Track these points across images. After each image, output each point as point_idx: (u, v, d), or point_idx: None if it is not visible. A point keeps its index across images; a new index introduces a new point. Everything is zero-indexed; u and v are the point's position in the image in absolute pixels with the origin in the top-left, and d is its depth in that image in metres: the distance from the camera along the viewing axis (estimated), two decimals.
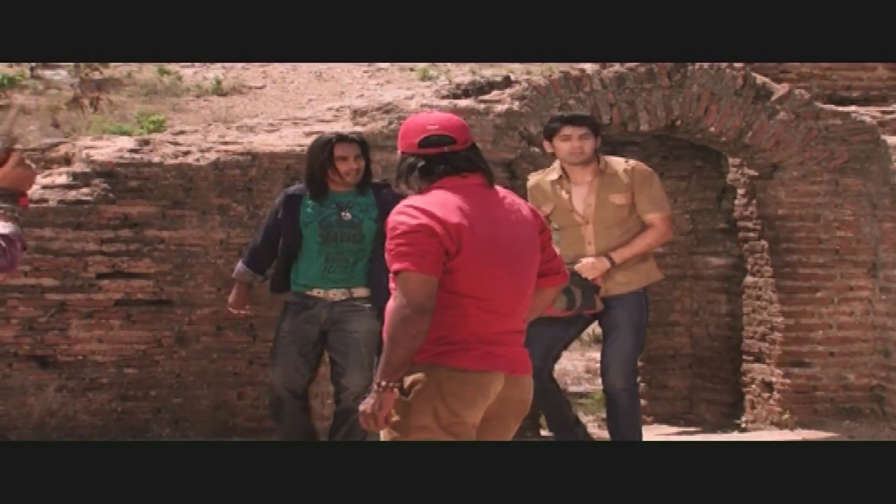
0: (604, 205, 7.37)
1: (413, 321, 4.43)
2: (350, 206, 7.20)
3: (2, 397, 8.28)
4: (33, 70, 21.62)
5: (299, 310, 7.25)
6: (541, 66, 14.78)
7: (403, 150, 4.78)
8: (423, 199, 4.59)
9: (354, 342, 7.15)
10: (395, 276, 4.51)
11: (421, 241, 4.48)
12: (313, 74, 24.19)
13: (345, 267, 7.17)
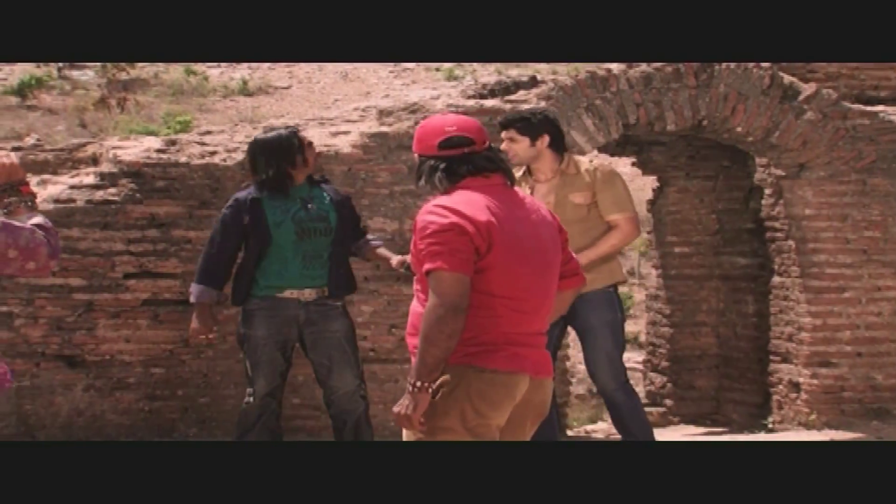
0: (562, 203, 7.13)
1: (448, 320, 4.41)
2: (311, 199, 7.01)
3: (30, 397, 8.31)
4: (60, 71, 21.73)
5: (272, 314, 6.93)
6: (567, 66, 14.78)
7: (421, 153, 4.77)
8: (451, 199, 4.58)
9: (337, 342, 6.98)
10: (427, 276, 4.49)
11: (452, 240, 4.46)
12: (339, 74, 24.23)
13: (321, 263, 6.95)
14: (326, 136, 9.16)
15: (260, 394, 6.95)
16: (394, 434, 8.52)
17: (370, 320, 8.75)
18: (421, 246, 4.51)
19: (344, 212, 7.05)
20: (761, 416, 10.29)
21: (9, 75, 21.61)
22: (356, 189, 8.75)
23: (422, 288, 4.61)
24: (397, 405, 4.52)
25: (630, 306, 20.39)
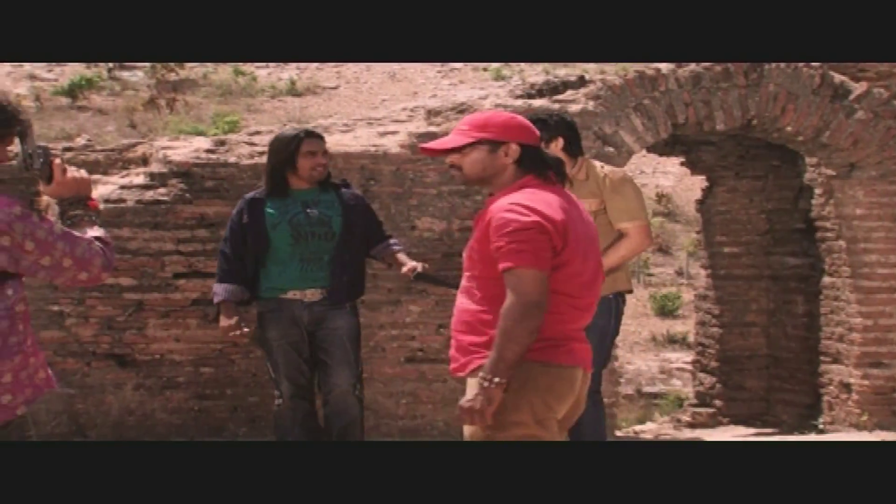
0: None
1: (529, 318, 4.43)
2: (316, 204, 6.88)
3: (81, 396, 8.36)
4: (111, 72, 21.88)
5: (279, 315, 6.87)
6: (615, 66, 14.75)
7: (528, 141, 4.75)
8: (528, 197, 4.59)
9: (339, 339, 6.87)
10: (506, 273, 4.49)
11: (533, 238, 4.47)
12: (387, 75, 24.30)
13: (321, 266, 6.84)
14: (374, 136, 9.17)
15: (287, 395, 6.91)
16: (441, 434, 8.55)
17: (418, 320, 8.76)
18: (500, 243, 4.50)
19: (353, 217, 6.93)
20: (812, 417, 10.23)
21: (59, 76, 21.81)
22: (404, 189, 8.76)
23: (478, 286, 4.62)
24: (467, 400, 4.51)
25: (678, 306, 20.38)
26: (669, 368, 17.17)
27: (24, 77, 21.92)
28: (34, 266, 4.07)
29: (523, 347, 4.45)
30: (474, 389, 4.53)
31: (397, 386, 8.73)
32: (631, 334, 18.77)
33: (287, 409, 6.90)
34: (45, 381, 4.29)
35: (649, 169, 25.66)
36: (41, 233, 4.06)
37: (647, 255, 23.41)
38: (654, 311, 20.69)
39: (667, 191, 25.17)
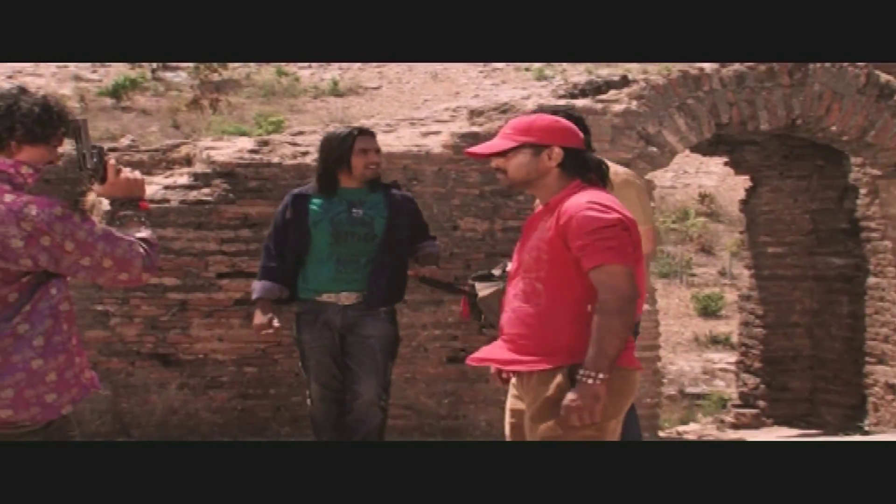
0: None
1: (625, 312, 4.49)
2: (361, 204, 6.77)
3: (125, 395, 8.39)
4: (154, 72, 21.99)
5: (313, 318, 6.79)
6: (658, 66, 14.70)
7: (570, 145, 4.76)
8: (600, 196, 4.63)
9: (370, 348, 6.73)
10: (596, 271, 4.52)
11: (619, 235, 4.52)
12: (429, 75, 24.31)
13: (356, 268, 6.72)
14: (417, 137, 9.17)
15: (315, 398, 6.84)
16: (483, 433, 8.54)
17: (461, 320, 8.74)
18: (584, 242, 4.51)
19: (398, 220, 6.83)
20: (856, 419, 10.17)
21: (104, 77, 21.92)
22: (447, 189, 8.75)
23: (544, 287, 4.63)
24: (573, 399, 4.51)
25: (721, 307, 20.29)
26: (712, 369, 17.11)
27: (69, 78, 22.05)
28: (74, 266, 4.08)
29: (623, 342, 4.50)
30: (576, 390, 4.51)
31: (439, 386, 8.73)
32: (674, 335, 18.72)
33: (317, 411, 6.86)
34: (91, 382, 4.31)
35: (692, 169, 25.57)
36: (81, 233, 4.08)
37: (689, 256, 23.34)
38: (697, 311, 20.62)
39: (710, 191, 25.08)
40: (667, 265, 22.01)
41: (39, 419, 4.12)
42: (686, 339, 19.20)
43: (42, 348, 4.08)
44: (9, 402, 4.06)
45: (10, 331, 4.04)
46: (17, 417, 4.08)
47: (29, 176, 4.21)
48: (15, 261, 3.99)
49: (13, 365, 4.05)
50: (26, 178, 4.20)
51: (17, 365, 4.05)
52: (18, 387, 4.06)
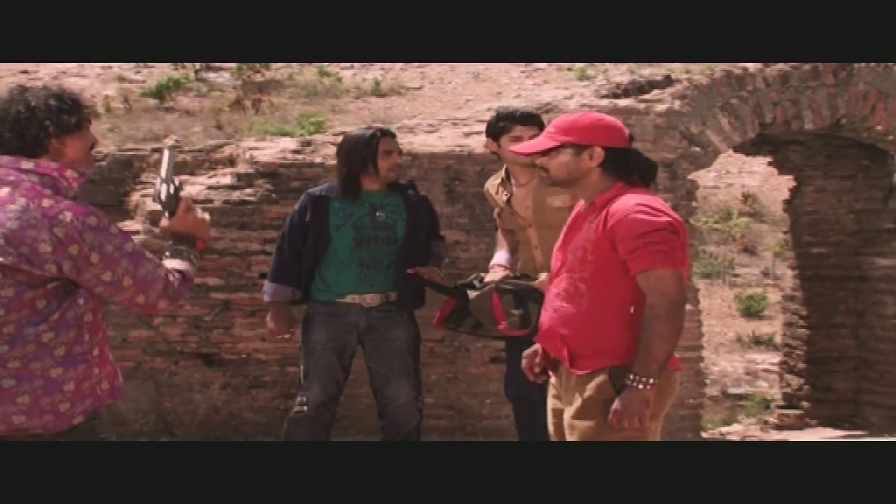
0: (541, 207, 6.54)
1: (677, 317, 4.50)
2: (383, 207, 6.74)
3: (169, 394, 8.43)
4: (197, 73, 22.07)
5: (331, 319, 6.72)
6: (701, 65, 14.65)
7: (617, 145, 4.74)
8: (649, 198, 4.61)
9: (397, 350, 6.73)
10: (643, 275, 4.52)
11: (668, 239, 4.51)
12: (470, 75, 24.28)
13: (379, 270, 6.70)
14: (459, 137, 9.17)
15: (314, 402, 6.72)
16: None
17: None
18: (633, 245, 4.50)
19: (417, 221, 6.82)
20: None
21: (147, 78, 22.01)
22: None
23: (587, 288, 4.62)
24: (623, 403, 4.52)
25: (764, 307, 20.19)
26: (755, 370, 17.02)
27: (113, 79, 22.15)
28: (94, 280, 4.07)
29: (672, 346, 4.52)
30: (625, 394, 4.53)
31: (482, 386, 8.73)
32: (716, 335, 18.62)
33: (307, 419, 6.73)
34: (107, 393, 4.30)
35: (735, 169, 25.44)
36: (109, 247, 4.07)
37: (732, 256, 23.23)
38: (740, 311, 20.51)
39: (752, 191, 24.94)
40: (709, 265, 21.90)
41: (50, 427, 4.12)
42: (729, 340, 19.11)
43: (62, 357, 4.08)
44: (24, 409, 4.06)
45: (33, 337, 4.04)
46: (29, 424, 4.08)
47: (74, 180, 4.22)
48: (41, 266, 3.99)
49: (31, 372, 4.05)
50: (71, 182, 4.21)
51: (36, 372, 4.05)
52: (35, 394, 4.06)
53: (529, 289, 6.41)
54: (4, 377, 4.04)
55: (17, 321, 4.03)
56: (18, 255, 3.98)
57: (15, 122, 4.15)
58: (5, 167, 4.13)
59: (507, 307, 6.44)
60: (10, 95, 4.21)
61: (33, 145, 4.16)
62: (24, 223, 3.99)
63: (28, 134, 4.15)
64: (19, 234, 3.98)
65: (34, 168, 4.13)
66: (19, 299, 4.02)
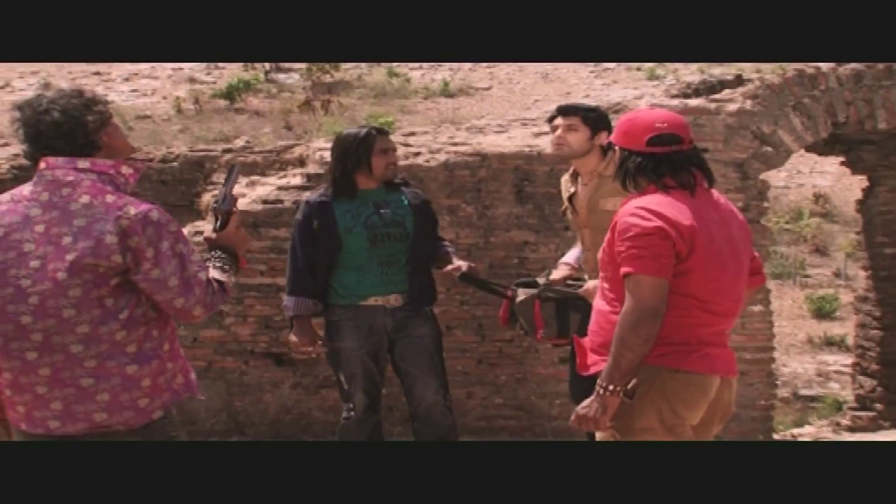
0: (595, 210, 6.46)
1: (645, 325, 4.39)
2: (387, 204, 6.58)
3: (239, 393, 8.48)
4: (267, 74, 22.20)
5: (358, 324, 6.55)
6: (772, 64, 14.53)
7: (626, 147, 4.73)
8: (654, 201, 4.54)
9: (425, 348, 6.59)
10: (625, 279, 4.47)
11: (655, 245, 4.42)
12: (539, 75, 24.26)
13: (399, 269, 6.54)
14: (529, 137, 9.16)
15: (360, 408, 6.59)
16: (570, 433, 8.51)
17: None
18: (621, 248, 4.48)
19: (422, 217, 6.67)
20: None
21: (217, 79, 22.18)
22: (558, 189, 8.73)
23: (610, 287, 4.61)
24: (583, 407, 4.51)
25: (836, 308, 20.04)
26: (827, 371, 16.90)
27: (184, 80, 22.34)
28: (144, 276, 4.11)
29: (639, 355, 4.41)
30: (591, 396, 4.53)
31: (551, 387, 8.71)
32: (787, 336, 18.51)
33: (356, 423, 6.61)
34: (183, 387, 4.34)
35: (806, 168, 25.27)
36: (164, 245, 4.11)
37: (803, 256, 23.09)
38: (811, 312, 20.38)
39: (824, 191, 24.77)
40: (780, 266, 21.78)
41: (132, 423, 4.17)
42: (800, 341, 18.99)
43: (135, 354, 4.13)
44: (104, 406, 4.11)
45: (107, 336, 4.09)
46: (111, 421, 4.14)
47: (130, 176, 4.27)
48: (107, 257, 4.04)
49: (108, 370, 4.10)
50: (127, 178, 4.26)
51: (113, 370, 4.10)
52: (114, 391, 4.11)
53: (574, 296, 6.32)
54: (83, 376, 4.09)
55: (90, 321, 4.08)
56: (84, 249, 4.03)
57: (57, 128, 4.20)
58: (63, 168, 4.18)
59: (548, 316, 6.39)
60: (32, 110, 4.26)
61: (87, 145, 4.22)
62: (91, 218, 4.05)
63: (77, 136, 4.20)
64: (87, 230, 4.04)
65: (91, 167, 4.19)
66: (88, 298, 4.06)
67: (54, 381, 4.10)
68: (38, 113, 4.23)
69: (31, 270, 4.09)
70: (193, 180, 9.09)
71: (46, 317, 4.08)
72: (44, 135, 4.21)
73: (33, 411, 4.15)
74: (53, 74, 21.92)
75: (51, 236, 4.08)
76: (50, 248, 4.07)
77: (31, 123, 4.23)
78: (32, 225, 4.12)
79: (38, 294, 4.08)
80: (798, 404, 14.58)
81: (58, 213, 4.10)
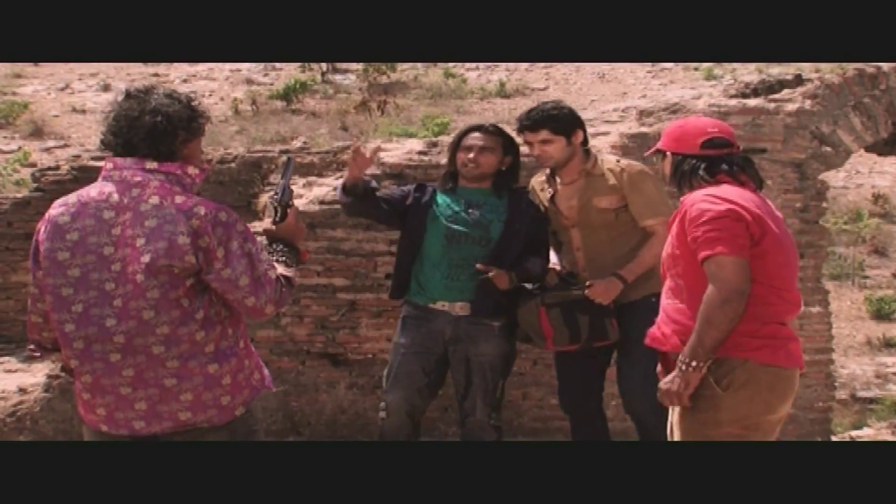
0: (587, 208, 6.42)
1: (731, 304, 4.50)
2: (480, 206, 6.44)
3: (296, 393, 8.50)
4: (324, 75, 22.28)
5: (419, 323, 6.48)
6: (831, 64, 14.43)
7: (679, 151, 4.88)
8: (719, 189, 4.70)
9: (479, 367, 6.40)
10: (705, 262, 4.57)
11: (730, 226, 4.55)
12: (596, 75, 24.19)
13: (469, 275, 6.34)
14: None
15: (393, 409, 6.49)
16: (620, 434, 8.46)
17: None
18: (697, 234, 4.59)
19: (517, 225, 6.44)
20: None
21: (275, 80, 22.27)
22: None
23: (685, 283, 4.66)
24: (666, 382, 4.63)
25: (895, 310, 19.85)
26: (885, 373, 16.74)
27: (241, 81, 22.45)
28: (215, 275, 4.15)
29: (723, 333, 4.51)
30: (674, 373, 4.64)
31: (606, 387, 8.67)
32: (845, 338, 18.34)
33: (389, 427, 6.51)
34: (260, 382, 4.39)
35: (865, 169, 25.06)
36: (234, 244, 4.15)
37: (862, 257, 22.89)
38: (870, 313, 20.18)
39: (883, 191, 24.53)
40: (838, 267, 21.59)
41: (216, 421, 4.22)
42: (858, 343, 18.81)
43: (213, 353, 4.18)
44: (188, 405, 4.16)
45: (187, 337, 4.14)
46: (196, 419, 4.19)
47: (196, 176, 4.31)
48: (181, 257, 4.08)
49: (190, 370, 4.15)
50: (194, 178, 4.30)
51: (195, 370, 4.15)
52: (197, 391, 4.16)
53: (578, 299, 6.28)
54: (166, 377, 4.15)
55: (170, 322, 4.13)
56: (158, 250, 4.07)
57: (151, 131, 4.23)
58: (130, 168, 4.21)
59: (556, 322, 6.30)
60: (139, 104, 4.28)
61: (167, 153, 4.25)
62: (162, 219, 4.09)
63: (163, 144, 4.24)
64: (158, 231, 4.08)
65: (158, 168, 4.22)
66: (166, 299, 4.11)
67: (138, 381, 4.16)
68: (143, 111, 4.26)
69: (114, 274, 4.13)
70: (251, 181, 9.12)
71: (129, 318, 4.13)
72: (133, 131, 4.25)
73: (116, 413, 4.20)
74: (112, 76, 22.08)
75: (126, 238, 4.13)
76: (127, 251, 4.12)
77: (129, 117, 4.26)
78: (109, 228, 4.16)
79: (122, 296, 4.13)
80: (856, 406, 14.44)
81: (130, 215, 4.15)
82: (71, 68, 22.42)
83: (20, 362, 8.97)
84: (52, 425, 7.89)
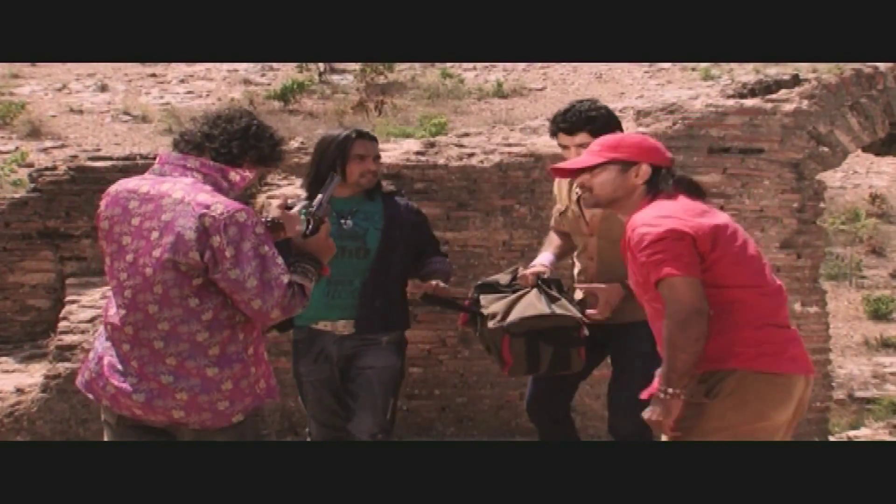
0: (610, 218, 5.96)
1: (691, 324, 4.42)
2: (353, 214, 6.04)
3: (293, 394, 8.45)
4: (321, 76, 22.27)
5: (307, 348, 6.19)
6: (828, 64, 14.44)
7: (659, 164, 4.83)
8: (658, 207, 4.65)
9: (367, 381, 6.03)
10: (658, 286, 4.52)
11: (670, 247, 4.47)
12: (593, 75, 24.19)
13: (350, 291, 6.00)
14: None
15: (315, 437, 6.28)
16: None
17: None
18: (642, 258, 4.54)
19: (397, 232, 6.12)
20: None
21: (272, 81, 22.26)
22: None
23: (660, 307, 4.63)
24: (648, 412, 4.57)
25: (893, 309, 19.87)
26: (883, 373, 16.75)
27: (239, 82, 22.43)
28: (223, 275, 4.15)
29: (693, 355, 4.44)
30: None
31: (604, 388, 8.66)
32: (842, 338, 18.35)
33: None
34: (265, 391, 4.39)
35: (862, 169, 25.06)
36: (246, 245, 4.15)
37: (859, 257, 22.90)
38: (867, 314, 20.19)
39: (881, 191, 24.54)
40: (836, 267, 21.59)
41: (209, 425, 4.21)
42: (855, 343, 18.81)
43: (217, 357, 4.18)
44: (182, 405, 4.17)
45: (187, 336, 4.14)
46: (188, 420, 4.19)
47: (237, 183, 4.32)
48: (185, 253, 4.10)
49: (188, 370, 4.15)
50: (233, 183, 4.31)
51: (192, 371, 4.15)
52: (193, 392, 4.16)
53: (546, 329, 5.98)
54: (163, 373, 4.16)
55: (170, 318, 4.14)
56: (166, 244, 4.09)
57: (238, 132, 4.27)
58: (172, 164, 4.25)
59: (517, 353, 6.04)
60: (240, 112, 4.35)
61: (232, 156, 4.27)
62: (177, 214, 4.11)
63: (239, 145, 4.26)
64: (170, 225, 4.10)
65: (199, 167, 4.24)
66: (169, 296, 4.13)
67: (141, 374, 4.19)
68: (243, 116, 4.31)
69: (127, 264, 4.18)
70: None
71: (136, 310, 4.16)
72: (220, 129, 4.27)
73: (119, 397, 4.23)
74: (110, 76, 22.07)
75: (143, 230, 4.15)
76: (142, 243, 4.15)
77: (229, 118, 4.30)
78: (130, 217, 4.21)
79: (131, 288, 4.17)
80: (854, 406, 14.45)
81: (152, 207, 4.17)
82: (68, 68, 22.39)
83: (18, 363, 8.95)
84: (49, 426, 7.88)
